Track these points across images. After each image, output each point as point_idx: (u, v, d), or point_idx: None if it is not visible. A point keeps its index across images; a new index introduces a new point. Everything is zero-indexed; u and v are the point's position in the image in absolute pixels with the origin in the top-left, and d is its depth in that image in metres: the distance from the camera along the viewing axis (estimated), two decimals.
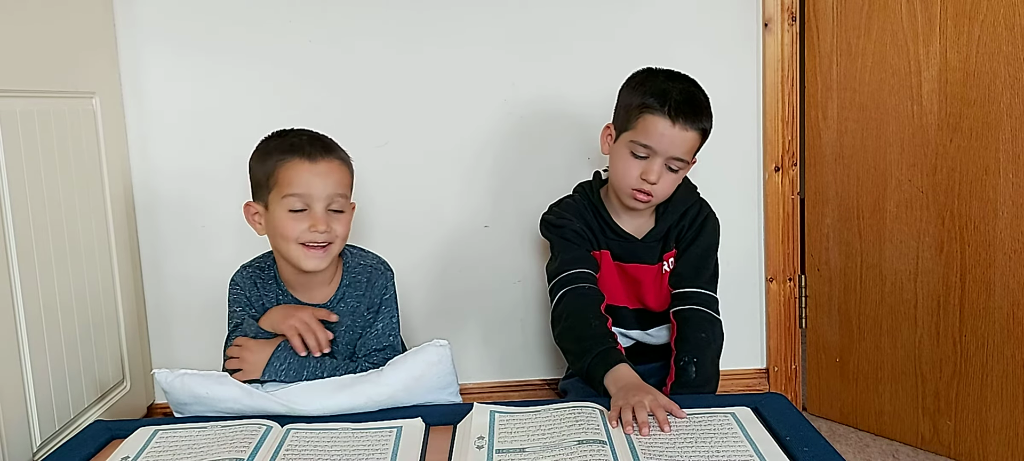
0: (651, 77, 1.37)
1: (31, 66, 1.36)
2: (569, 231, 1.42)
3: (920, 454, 1.60)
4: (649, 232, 1.44)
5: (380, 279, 1.37)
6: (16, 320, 1.28)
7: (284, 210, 1.27)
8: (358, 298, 1.36)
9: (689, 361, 1.32)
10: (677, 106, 1.30)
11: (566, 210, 1.45)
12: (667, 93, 1.32)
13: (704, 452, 1.03)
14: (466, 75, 1.74)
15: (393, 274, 1.40)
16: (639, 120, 1.33)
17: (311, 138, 1.31)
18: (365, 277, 1.37)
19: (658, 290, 1.44)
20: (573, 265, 1.38)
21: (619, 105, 1.41)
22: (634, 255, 1.43)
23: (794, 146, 1.77)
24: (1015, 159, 1.40)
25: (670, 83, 1.34)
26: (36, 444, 1.31)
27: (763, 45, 1.76)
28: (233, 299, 1.37)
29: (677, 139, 1.32)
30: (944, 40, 1.48)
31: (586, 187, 1.49)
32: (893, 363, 1.63)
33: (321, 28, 1.71)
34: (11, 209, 1.27)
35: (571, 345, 1.33)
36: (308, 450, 1.09)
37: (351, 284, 1.37)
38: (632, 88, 1.38)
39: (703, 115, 1.34)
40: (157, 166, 1.73)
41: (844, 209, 1.68)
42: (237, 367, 1.27)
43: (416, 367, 1.24)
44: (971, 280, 1.49)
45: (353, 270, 1.38)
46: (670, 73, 1.38)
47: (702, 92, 1.37)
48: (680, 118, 1.30)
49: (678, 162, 1.34)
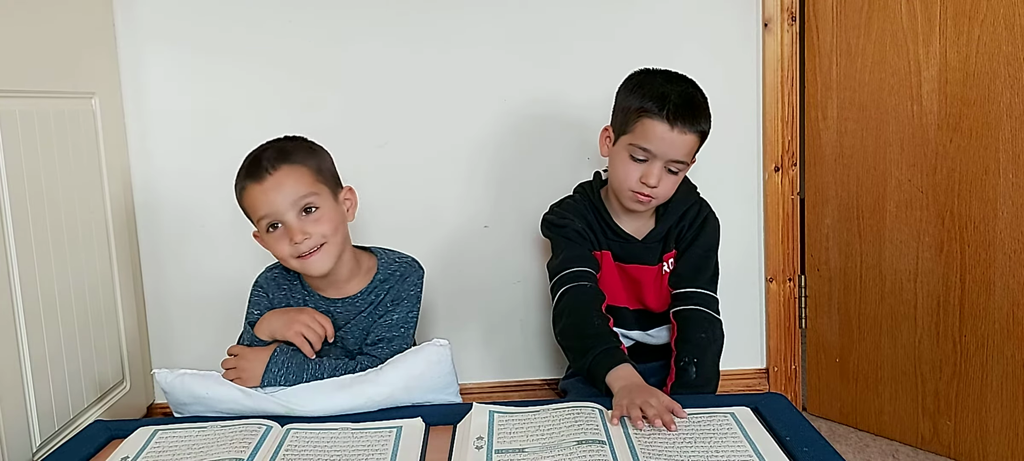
0: (649, 79, 1.36)
1: (31, 66, 1.36)
2: (570, 230, 1.42)
3: (920, 454, 1.59)
4: (649, 233, 1.44)
5: (412, 275, 1.37)
6: (16, 320, 1.28)
7: (265, 233, 1.28)
8: (387, 291, 1.36)
9: (689, 361, 1.32)
10: (676, 109, 1.30)
11: (567, 210, 1.45)
12: (665, 96, 1.31)
13: (704, 452, 1.03)
14: (466, 75, 1.74)
15: (423, 273, 1.39)
16: (637, 124, 1.32)
17: (264, 154, 1.28)
18: (400, 272, 1.37)
19: (658, 291, 1.44)
20: (574, 263, 1.38)
21: (617, 107, 1.40)
22: (634, 256, 1.44)
23: (794, 146, 1.77)
24: (1015, 159, 1.40)
25: (668, 85, 1.34)
26: (36, 444, 1.31)
27: (763, 45, 1.76)
28: (253, 301, 1.36)
29: (676, 142, 1.31)
30: (944, 40, 1.47)
31: (587, 187, 1.49)
32: (893, 363, 1.63)
33: (321, 28, 1.71)
34: (11, 209, 1.27)
35: (573, 343, 1.33)
36: (308, 450, 1.09)
37: (386, 279, 1.36)
38: (630, 91, 1.37)
39: (702, 117, 1.34)
40: (157, 166, 1.73)
41: (844, 209, 1.68)
42: (234, 377, 1.26)
43: (416, 366, 1.24)
44: (971, 280, 1.49)
45: (389, 265, 1.38)
46: (668, 74, 1.37)
47: (700, 93, 1.36)
48: (679, 121, 1.30)
49: (678, 164, 1.34)
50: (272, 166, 1.25)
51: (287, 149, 1.29)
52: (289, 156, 1.28)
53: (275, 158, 1.27)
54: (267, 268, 1.40)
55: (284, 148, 1.30)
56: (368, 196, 1.75)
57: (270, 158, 1.27)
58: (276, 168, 1.25)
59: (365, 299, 1.35)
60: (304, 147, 1.32)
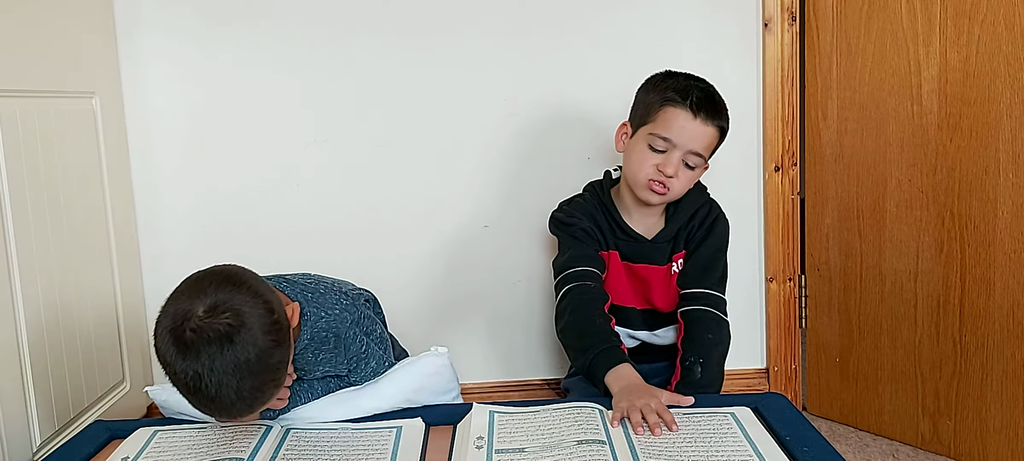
0: (672, 76, 1.40)
1: (31, 66, 1.36)
2: (578, 230, 1.42)
3: (920, 454, 1.60)
4: (659, 233, 1.44)
5: (345, 331, 1.19)
6: (16, 320, 1.28)
7: None
8: (331, 352, 1.20)
9: (695, 362, 1.32)
10: (699, 101, 1.33)
11: (576, 208, 1.46)
12: (689, 89, 1.34)
13: (704, 452, 1.03)
14: (466, 75, 1.74)
15: (359, 315, 1.22)
16: (660, 112, 1.35)
17: (207, 385, 0.97)
18: (327, 338, 1.19)
19: (666, 291, 1.44)
20: (580, 262, 1.38)
21: (638, 101, 1.42)
22: (643, 255, 1.43)
23: (794, 146, 1.77)
24: (1015, 159, 1.40)
25: (691, 81, 1.37)
26: (36, 444, 1.31)
27: (763, 45, 1.76)
28: None
29: (698, 133, 1.33)
30: (944, 40, 1.47)
31: (596, 186, 1.49)
32: (893, 363, 1.63)
33: (321, 28, 1.71)
34: (11, 209, 1.27)
35: (574, 341, 1.33)
36: (308, 450, 1.09)
37: (312, 340, 1.18)
38: (652, 86, 1.40)
39: (722, 113, 1.37)
40: (157, 166, 1.73)
41: (844, 209, 1.68)
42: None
43: (415, 380, 1.23)
44: (971, 280, 1.49)
45: (315, 327, 1.18)
46: (690, 75, 1.40)
47: (719, 95, 1.38)
48: (702, 112, 1.33)
49: (696, 158, 1.35)
50: (234, 409, 1.00)
51: (240, 396, 0.98)
52: (244, 402, 1.00)
53: (232, 402, 0.99)
54: None
55: (238, 394, 0.98)
56: (367, 195, 1.76)
57: (227, 398, 0.97)
58: (233, 414, 1.02)
59: (302, 356, 1.18)
60: (265, 380, 1.01)
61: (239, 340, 0.97)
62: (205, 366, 0.96)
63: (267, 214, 1.74)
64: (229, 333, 0.96)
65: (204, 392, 0.97)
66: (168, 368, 0.99)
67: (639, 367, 1.24)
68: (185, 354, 0.97)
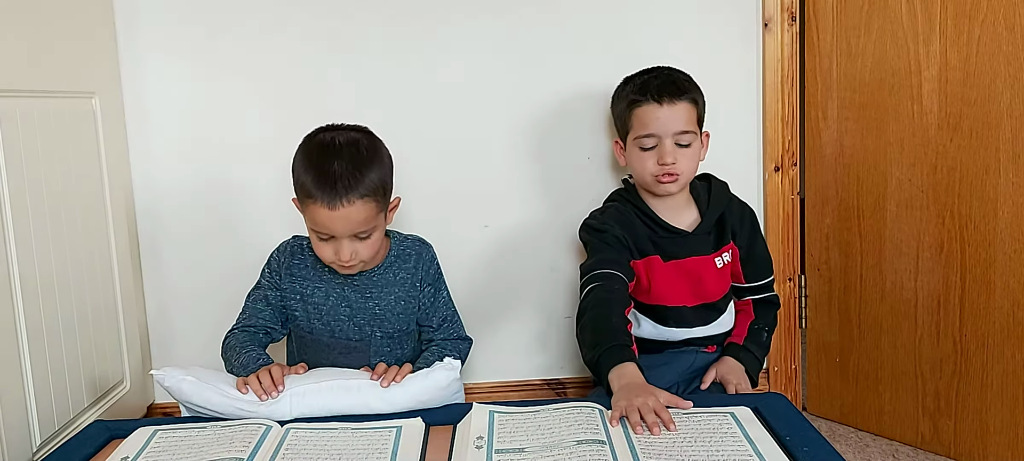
0: (629, 79, 1.48)
1: (31, 66, 1.36)
2: (610, 236, 1.44)
3: (920, 454, 1.60)
4: (698, 225, 1.47)
5: (427, 253, 1.45)
6: (16, 320, 1.28)
7: (312, 233, 1.31)
8: (408, 271, 1.42)
9: (762, 327, 1.51)
10: (659, 88, 1.41)
11: (609, 216, 1.48)
12: (647, 83, 1.43)
13: (704, 452, 1.03)
14: (466, 76, 1.74)
15: (433, 248, 1.47)
16: (632, 116, 1.44)
17: (339, 171, 1.24)
18: (415, 251, 1.44)
19: (718, 281, 1.48)
20: (608, 265, 1.39)
21: (614, 117, 1.52)
22: (689, 248, 1.46)
23: (794, 146, 1.77)
24: (1015, 159, 1.40)
25: (647, 75, 1.46)
26: (36, 444, 1.31)
27: (763, 45, 1.75)
28: (264, 271, 1.44)
29: (672, 116, 1.40)
30: (944, 40, 1.48)
31: (623, 193, 1.53)
32: (893, 363, 1.63)
33: (322, 28, 1.71)
34: (11, 209, 1.27)
35: (588, 336, 1.33)
36: (308, 450, 1.09)
37: (399, 256, 1.42)
38: (617, 98, 1.50)
39: (685, 87, 1.43)
40: (157, 166, 1.73)
41: (844, 209, 1.68)
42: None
43: (425, 392, 1.23)
44: (971, 280, 1.49)
45: (401, 243, 1.44)
46: (646, 69, 1.48)
47: (681, 72, 1.46)
48: (664, 96, 1.40)
49: (685, 135, 1.41)
50: (346, 196, 1.23)
51: (361, 170, 1.25)
52: (362, 182, 1.25)
53: (349, 186, 1.24)
54: (293, 237, 1.45)
55: (358, 167, 1.26)
56: None
57: (346, 184, 1.24)
58: (349, 199, 1.24)
59: (383, 276, 1.40)
60: (375, 163, 1.29)
61: (364, 134, 1.33)
62: (339, 135, 1.30)
63: (268, 213, 1.74)
64: (357, 136, 1.32)
65: (333, 148, 1.27)
66: (306, 144, 1.31)
67: (697, 359, 1.45)
68: (325, 131, 1.32)
